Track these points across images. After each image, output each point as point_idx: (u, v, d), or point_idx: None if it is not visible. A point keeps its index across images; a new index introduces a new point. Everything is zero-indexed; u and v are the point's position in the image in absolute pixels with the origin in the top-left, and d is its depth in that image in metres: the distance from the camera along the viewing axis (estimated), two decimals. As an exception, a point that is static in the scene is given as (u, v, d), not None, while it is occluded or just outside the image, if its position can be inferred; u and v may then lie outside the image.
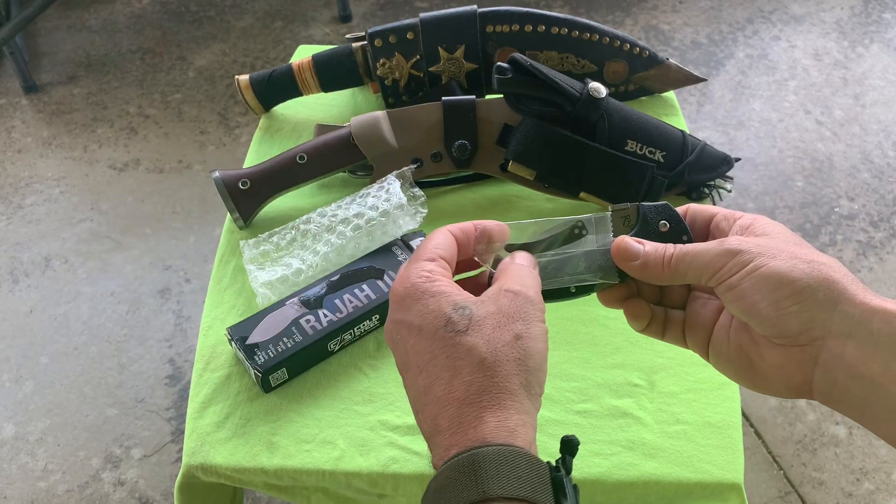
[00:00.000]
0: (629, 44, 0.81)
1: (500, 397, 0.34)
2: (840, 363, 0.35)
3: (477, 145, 0.74)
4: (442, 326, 0.35)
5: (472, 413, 0.33)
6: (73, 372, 1.25)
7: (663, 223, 0.42)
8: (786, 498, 1.09)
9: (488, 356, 0.34)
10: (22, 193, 1.55)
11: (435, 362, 0.35)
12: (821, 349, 0.36)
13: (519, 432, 0.33)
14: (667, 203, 0.42)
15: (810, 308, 0.35)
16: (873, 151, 1.61)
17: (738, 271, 0.37)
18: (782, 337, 0.36)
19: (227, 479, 0.59)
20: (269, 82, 0.84)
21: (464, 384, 0.34)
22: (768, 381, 0.38)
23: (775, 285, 0.35)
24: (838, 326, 0.35)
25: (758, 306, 0.36)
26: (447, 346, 0.35)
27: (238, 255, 0.72)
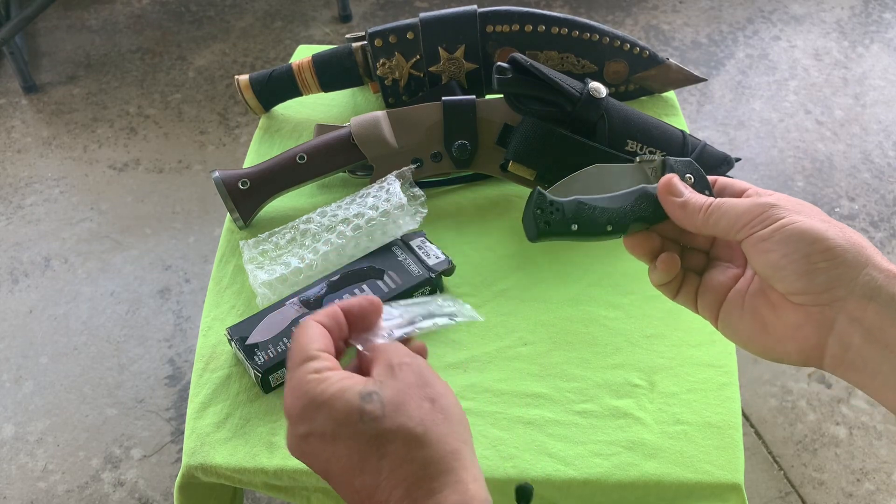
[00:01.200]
0: (629, 44, 0.81)
1: (446, 462, 0.33)
2: (857, 327, 0.36)
3: (477, 145, 0.74)
4: (357, 421, 0.34)
5: (424, 491, 0.33)
6: (72, 372, 1.25)
7: (688, 176, 0.44)
8: (786, 498, 1.09)
9: (418, 428, 0.34)
10: (22, 193, 1.55)
11: (367, 460, 0.34)
12: (840, 311, 0.36)
13: (475, 494, 0.33)
14: (691, 160, 0.44)
15: (839, 266, 0.36)
16: (873, 151, 1.61)
17: (771, 223, 0.38)
18: (806, 293, 0.37)
19: (226, 479, 0.59)
20: (268, 82, 0.84)
21: (407, 466, 0.33)
22: (781, 344, 0.39)
23: (809, 240, 0.36)
24: (861, 289, 0.36)
25: (788, 258, 0.37)
26: (372, 438, 0.34)
27: (238, 255, 0.72)
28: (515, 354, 0.64)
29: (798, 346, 0.38)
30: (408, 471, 0.33)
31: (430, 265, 0.67)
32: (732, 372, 0.63)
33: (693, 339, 0.65)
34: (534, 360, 0.64)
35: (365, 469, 0.33)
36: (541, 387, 0.62)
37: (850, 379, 0.37)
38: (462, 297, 0.69)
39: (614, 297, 0.68)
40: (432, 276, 0.66)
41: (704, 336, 0.65)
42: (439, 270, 0.67)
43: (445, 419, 0.35)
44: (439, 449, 0.33)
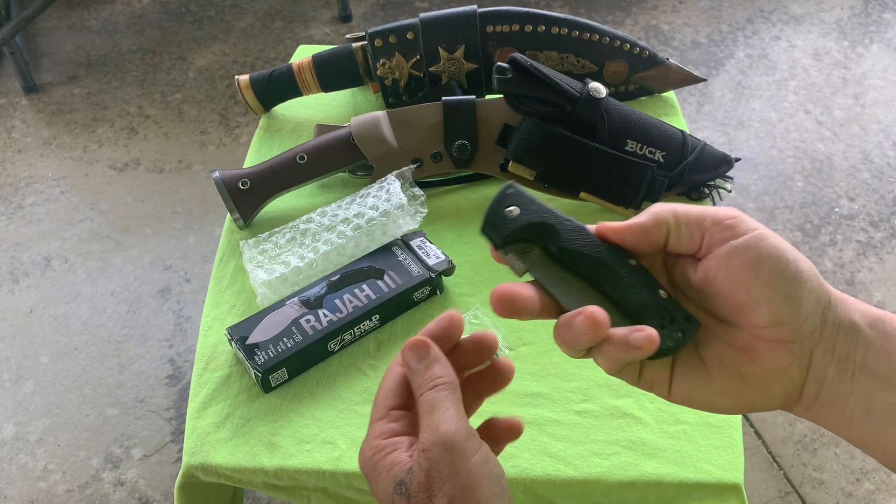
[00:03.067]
0: (629, 44, 0.81)
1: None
2: (830, 359, 0.33)
3: (477, 145, 0.74)
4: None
5: None
6: (73, 372, 1.25)
7: (512, 209, 0.36)
8: (786, 498, 1.09)
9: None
10: (22, 193, 1.55)
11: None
12: (817, 342, 0.33)
13: None
14: (510, 183, 0.37)
15: (818, 289, 0.32)
16: (873, 151, 1.61)
17: (749, 230, 0.33)
18: (790, 322, 0.32)
19: (227, 479, 0.59)
20: (269, 82, 0.84)
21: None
22: (763, 392, 0.34)
23: (791, 257, 0.32)
24: (833, 314, 0.33)
25: (778, 277, 0.32)
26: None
27: (238, 255, 0.72)
28: (515, 354, 0.64)
29: (784, 390, 0.33)
30: None
31: (430, 265, 0.67)
32: (732, 372, 0.63)
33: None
34: (534, 360, 0.64)
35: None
36: (541, 386, 0.62)
37: (822, 418, 0.34)
38: (462, 296, 0.69)
39: (614, 297, 0.68)
40: (432, 276, 0.66)
41: (704, 336, 0.65)
42: (439, 270, 0.67)
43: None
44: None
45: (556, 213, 0.36)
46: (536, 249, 0.36)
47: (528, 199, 0.36)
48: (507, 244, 0.36)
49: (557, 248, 0.36)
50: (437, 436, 0.33)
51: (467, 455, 0.33)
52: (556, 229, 0.36)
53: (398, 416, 0.37)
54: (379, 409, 0.37)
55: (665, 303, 0.35)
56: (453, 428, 0.33)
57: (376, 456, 0.35)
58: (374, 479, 0.35)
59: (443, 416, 0.34)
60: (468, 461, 0.33)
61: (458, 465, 0.33)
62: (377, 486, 0.35)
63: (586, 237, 0.36)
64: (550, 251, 0.36)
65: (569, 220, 0.36)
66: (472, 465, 0.33)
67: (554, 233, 0.36)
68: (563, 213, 0.36)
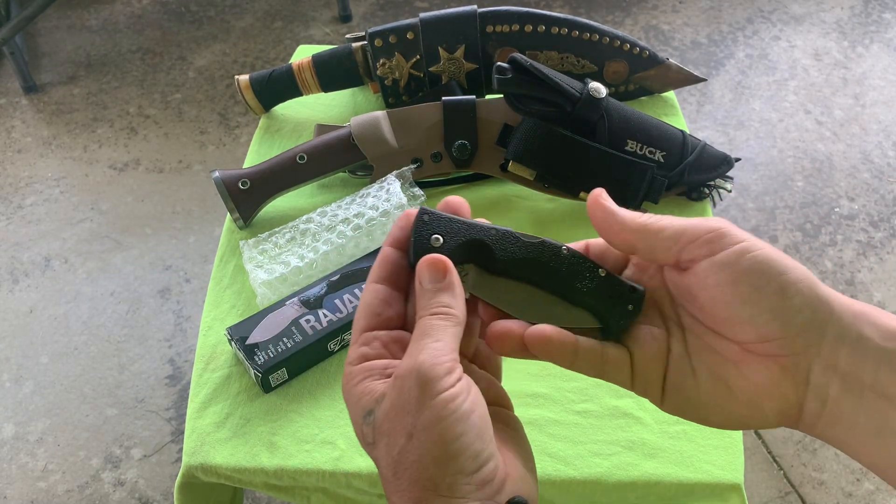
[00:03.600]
0: (629, 44, 0.81)
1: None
2: (833, 375, 0.30)
3: (477, 145, 0.74)
4: (362, 440, 0.32)
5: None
6: (73, 372, 1.25)
7: (436, 237, 0.35)
8: (786, 498, 1.09)
9: (388, 471, 0.30)
10: (22, 193, 1.55)
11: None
12: (814, 358, 0.30)
13: None
14: (421, 209, 0.35)
15: (813, 302, 0.30)
16: (873, 151, 1.61)
17: (729, 245, 0.31)
18: (779, 338, 0.31)
19: (226, 479, 0.59)
20: (268, 82, 0.84)
21: (388, 501, 0.31)
22: (754, 408, 0.32)
23: (779, 270, 0.30)
24: (833, 327, 0.30)
25: (761, 293, 0.30)
26: (372, 459, 0.32)
27: (238, 255, 0.72)
28: (515, 354, 0.64)
29: (777, 407, 0.31)
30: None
31: (430, 265, 0.67)
32: (732, 372, 0.63)
33: (693, 339, 0.65)
34: (534, 360, 0.64)
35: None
36: (541, 386, 0.62)
37: (830, 437, 0.32)
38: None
39: (614, 297, 0.68)
40: (432, 275, 0.66)
41: (704, 336, 0.65)
42: (439, 270, 0.67)
43: (417, 461, 0.29)
44: (403, 498, 0.30)
45: (479, 226, 0.35)
46: (472, 268, 0.35)
47: (447, 221, 0.35)
48: None
49: (491, 260, 0.35)
50: (412, 364, 0.30)
51: (436, 390, 0.29)
52: (485, 244, 0.35)
53: (369, 339, 0.33)
54: (353, 333, 0.34)
55: (607, 281, 0.35)
56: (432, 358, 0.30)
57: (347, 385, 0.32)
58: (349, 410, 0.32)
59: (428, 345, 0.31)
60: (434, 397, 0.29)
61: (423, 401, 0.29)
62: (352, 418, 0.32)
63: (515, 242, 0.35)
64: (486, 266, 0.35)
65: (493, 228, 0.35)
66: (436, 402, 0.29)
67: (484, 248, 0.35)
68: (484, 222, 0.36)
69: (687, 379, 0.34)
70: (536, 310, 0.35)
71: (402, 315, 0.35)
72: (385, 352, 0.33)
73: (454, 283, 0.33)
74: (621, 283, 0.35)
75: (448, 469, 0.29)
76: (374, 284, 0.34)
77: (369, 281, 0.35)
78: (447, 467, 0.29)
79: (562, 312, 0.35)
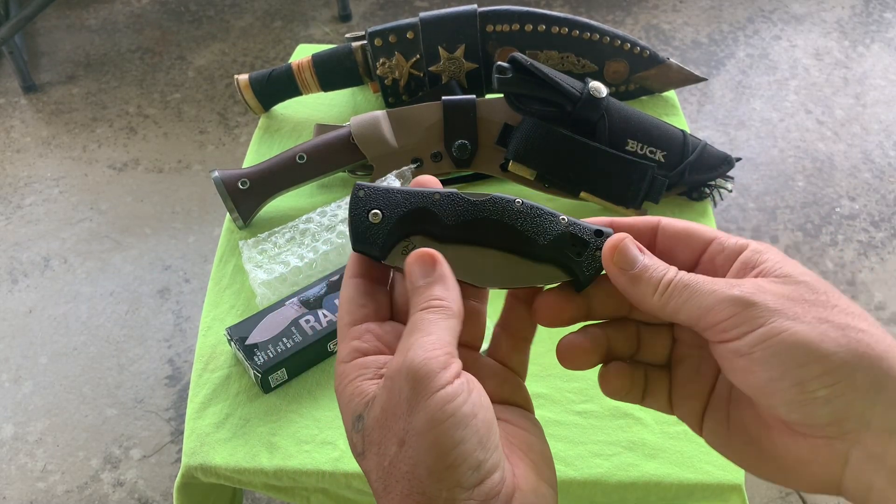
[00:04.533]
0: (629, 43, 0.81)
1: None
2: (879, 467, 0.26)
3: (477, 145, 0.74)
4: (353, 450, 0.29)
5: None
6: (72, 372, 1.25)
7: (374, 213, 0.32)
8: (786, 499, 1.09)
9: (378, 485, 0.27)
10: (21, 193, 1.55)
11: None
12: (854, 444, 0.27)
13: None
14: (357, 184, 0.32)
15: (845, 392, 0.26)
16: (874, 151, 1.61)
17: (748, 332, 0.27)
18: (804, 426, 0.28)
19: (226, 479, 0.59)
20: (268, 82, 0.84)
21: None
22: (787, 475, 0.29)
23: (801, 360, 0.26)
24: (881, 419, 0.26)
25: (773, 385, 0.27)
26: (363, 471, 0.29)
27: (237, 255, 0.72)
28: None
29: (809, 484, 0.29)
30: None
31: (430, 265, 0.67)
32: (733, 372, 0.63)
33: (694, 340, 0.65)
34: (534, 360, 0.63)
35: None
36: (541, 387, 0.62)
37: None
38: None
39: (615, 297, 0.68)
40: (432, 276, 0.66)
41: (705, 336, 0.65)
42: (439, 270, 0.67)
43: (409, 472, 0.26)
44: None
45: (420, 192, 0.32)
46: (418, 239, 0.32)
47: (384, 193, 0.32)
48: (387, 252, 0.32)
49: (439, 227, 0.32)
50: (402, 362, 0.27)
51: (431, 389, 0.26)
52: (428, 211, 0.32)
53: (361, 332, 0.31)
54: (339, 329, 0.31)
55: (570, 227, 0.32)
56: (423, 355, 0.27)
57: (340, 385, 0.29)
58: (342, 415, 0.30)
59: (418, 340, 0.27)
60: (429, 397, 0.26)
61: (416, 402, 0.26)
62: (344, 425, 0.29)
63: (461, 203, 0.32)
64: (432, 233, 0.32)
65: (436, 192, 0.32)
66: (431, 403, 0.26)
67: (428, 215, 0.32)
68: (425, 189, 0.32)
69: (720, 425, 0.31)
70: (496, 274, 0.32)
71: (388, 306, 0.33)
72: (380, 345, 0.30)
73: (446, 275, 0.30)
74: (586, 229, 0.32)
75: (445, 482, 0.26)
76: (350, 279, 0.32)
77: (346, 278, 0.33)
78: (444, 479, 0.26)
79: (525, 272, 0.32)
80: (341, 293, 0.32)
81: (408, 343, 0.28)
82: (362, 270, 0.32)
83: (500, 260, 0.32)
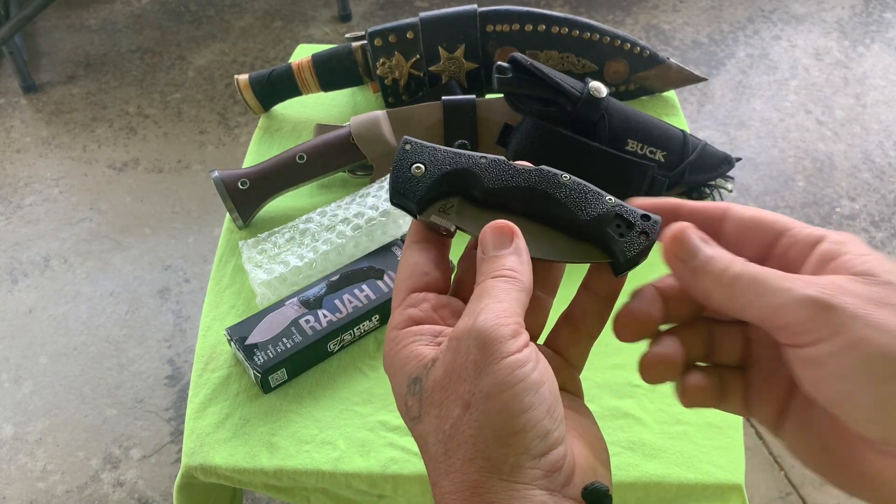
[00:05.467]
0: (630, 43, 0.81)
1: (463, 497, 0.25)
2: None
3: (477, 145, 0.74)
4: (405, 414, 0.28)
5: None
6: (72, 372, 1.25)
7: (416, 166, 0.31)
8: (787, 499, 1.09)
9: (437, 449, 0.26)
10: (21, 193, 1.55)
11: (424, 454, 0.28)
12: None
13: None
14: (406, 138, 0.32)
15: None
16: (874, 151, 1.61)
17: (823, 339, 0.24)
18: (887, 444, 0.25)
19: (226, 479, 0.59)
20: (268, 82, 0.84)
21: (433, 486, 0.27)
22: (869, 491, 0.26)
23: (883, 374, 0.23)
24: None
25: (852, 399, 0.24)
26: (416, 436, 0.27)
27: (237, 255, 0.72)
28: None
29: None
30: (437, 495, 0.26)
31: (430, 265, 0.67)
32: (733, 372, 0.63)
33: (694, 340, 0.65)
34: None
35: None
36: (541, 387, 0.62)
37: None
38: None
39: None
40: (432, 276, 0.66)
41: (705, 336, 0.65)
42: (439, 270, 0.67)
43: (474, 437, 0.25)
44: (455, 481, 0.25)
45: (467, 154, 0.32)
46: (457, 200, 0.32)
47: (430, 150, 0.32)
48: (424, 207, 0.31)
49: (480, 191, 0.31)
50: (471, 324, 0.26)
51: (500, 354, 0.25)
52: (472, 172, 0.31)
53: (418, 300, 0.29)
54: (397, 293, 0.30)
55: (616, 208, 0.31)
56: (495, 319, 0.26)
57: (390, 352, 0.29)
58: (391, 380, 0.29)
59: (490, 305, 0.26)
60: (500, 360, 0.25)
61: (485, 365, 0.25)
62: (394, 389, 0.28)
63: (507, 169, 0.31)
64: (474, 197, 0.32)
65: (483, 156, 0.32)
66: (500, 367, 0.25)
67: (471, 176, 0.31)
68: (473, 152, 0.32)
69: (800, 431, 0.29)
70: (532, 244, 0.30)
71: (448, 280, 0.31)
72: (435, 315, 0.29)
73: (521, 248, 0.29)
74: (632, 211, 0.31)
75: (512, 447, 0.24)
76: (415, 244, 0.31)
77: (408, 243, 0.31)
78: (511, 445, 0.24)
79: (562, 246, 0.31)
80: (403, 257, 0.31)
81: (478, 306, 0.27)
82: (425, 238, 0.31)
83: (537, 231, 0.31)
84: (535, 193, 0.31)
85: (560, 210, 0.31)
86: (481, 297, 0.27)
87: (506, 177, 0.31)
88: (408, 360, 0.28)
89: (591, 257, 0.31)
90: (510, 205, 0.31)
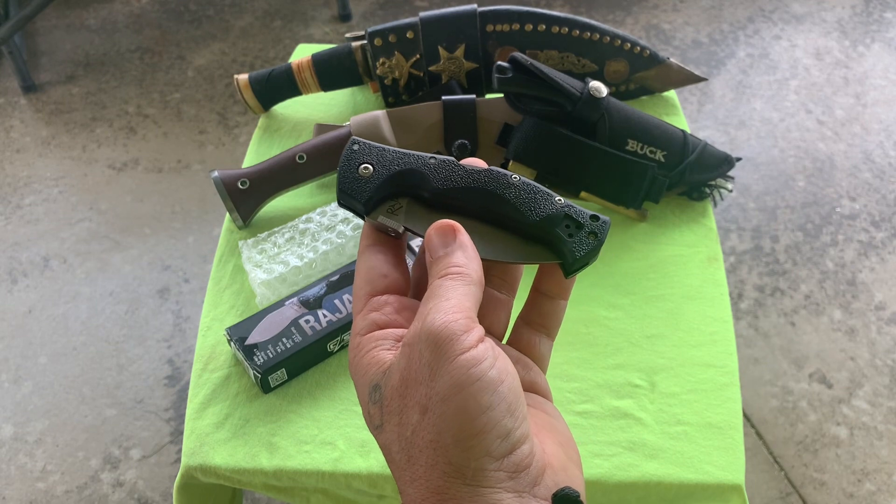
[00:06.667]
0: (630, 43, 0.81)
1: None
2: None
3: (477, 145, 0.74)
4: (369, 423, 0.28)
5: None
6: (71, 372, 1.25)
7: (364, 167, 0.31)
8: (787, 499, 1.09)
9: (400, 457, 0.26)
10: (21, 193, 1.55)
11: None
12: None
13: None
14: (353, 138, 0.32)
15: None
16: (875, 151, 1.61)
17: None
18: None
19: (226, 479, 0.59)
20: (268, 82, 0.84)
21: (401, 495, 0.26)
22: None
23: None
24: None
25: None
26: (380, 446, 0.28)
27: (237, 255, 0.72)
28: (516, 355, 0.64)
29: None
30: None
31: (429, 265, 0.67)
32: (733, 372, 0.63)
33: (694, 340, 0.65)
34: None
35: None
36: (541, 387, 0.62)
37: None
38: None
39: (615, 298, 0.68)
40: (432, 276, 0.66)
41: (705, 336, 0.65)
42: (439, 270, 0.67)
43: (433, 441, 0.24)
44: (420, 487, 0.25)
45: (416, 154, 0.32)
46: (405, 201, 0.31)
47: (379, 150, 0.31)
48: (372, 209, 0.31)
49: (429, 191, 0.31)
50: (420, 326, 0.26)
51: (453, 353, 0.24)
52: (420, 173, 0.31)
53: (380, 304, 0.29)
54: (357, 298, 0.30)
55: (566, 208, 0.31)
56: (443, 318, 0.25)
57: (355, 358, 0.28)
58: (357, 390, 0.28)
59: (437, 304, 0.26)
60: (453, 360, 0.24)
61: (439, 366, 0.24)
62: (359, 399, 0.28)
63: (456, 170, 0.31)
64: (423, 197, 0.31)
65: (432, 157, 0.32)
66: (454, 367, 0.24)
67: (420, 177, 0.31)
68: (421, 152, 0.32)
69: None
70: (481, 246, 0.30)
71: (408, 281, 0.31)
72: (400, 319, 0.29)
73: (465, 244, 0.29)
74: (581, 212, 0.31)
75: (472, 450, 0.24)
76: (370, 247, 0.31)
77: (363, 247, 0.31)
78: (471, 448, 0.24)
79: (512, 248, 0.31)
80: (359, 262, 0.31)
81: (426, 308, 0.26)
82: (381, 239, 0.31)
83: (487, 232, 0.31)
84: (484, 194, 0.31)
85: (509, 210, 0.31)
86: (429, 299, 0.27)
87: (455, 177, 0.31)
88: (369, 366, 0.27)
89: (542, 258, 0.31)
90: (460, 206, 0.31)
